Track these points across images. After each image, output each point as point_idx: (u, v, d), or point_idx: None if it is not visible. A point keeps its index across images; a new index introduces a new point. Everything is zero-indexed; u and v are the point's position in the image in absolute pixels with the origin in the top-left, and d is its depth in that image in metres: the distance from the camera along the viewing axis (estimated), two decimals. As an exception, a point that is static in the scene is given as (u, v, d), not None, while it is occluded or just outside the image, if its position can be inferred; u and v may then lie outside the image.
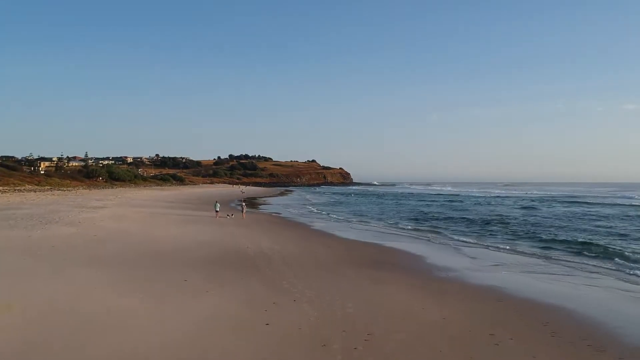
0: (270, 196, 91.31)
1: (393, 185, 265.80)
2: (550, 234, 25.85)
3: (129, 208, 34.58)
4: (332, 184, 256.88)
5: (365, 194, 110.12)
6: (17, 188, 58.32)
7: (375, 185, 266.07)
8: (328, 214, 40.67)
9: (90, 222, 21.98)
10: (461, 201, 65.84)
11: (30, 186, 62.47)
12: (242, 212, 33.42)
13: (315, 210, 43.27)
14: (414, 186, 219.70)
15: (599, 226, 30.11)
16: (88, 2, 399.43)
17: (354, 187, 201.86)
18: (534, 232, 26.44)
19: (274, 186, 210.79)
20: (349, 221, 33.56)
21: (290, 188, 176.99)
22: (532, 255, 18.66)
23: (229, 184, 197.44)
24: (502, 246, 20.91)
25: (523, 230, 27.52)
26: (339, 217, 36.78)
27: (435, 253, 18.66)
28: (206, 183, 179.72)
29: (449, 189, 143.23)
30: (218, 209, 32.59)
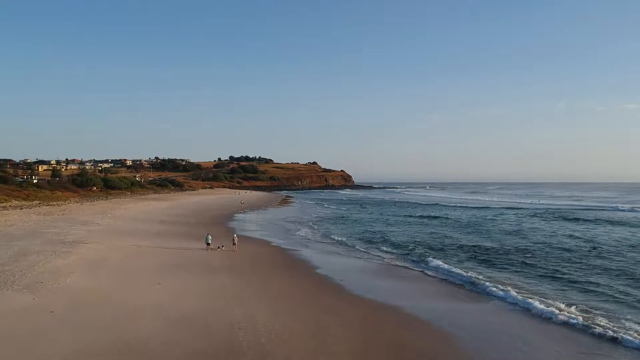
0: (270, 206, 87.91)
1: (393, 188, 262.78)
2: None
3: (114, 240, 31.18)
4: (333, 187, 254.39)
5: (366, 202, 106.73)
6: (2, 205, 54.96)
7: (374, 188, 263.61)
8: (330, 242, 37.09)
9: (56, 278, 18.56)
10: (448, 218, 62.42)
11: (16, 202, 59.09)
12: (234, 244, 30.24)
13: (317, 238, 39.44)
14: (412, 190, 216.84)
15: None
16: (85, 1, 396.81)
17: (348, 192, 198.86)
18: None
19: (275, 190, 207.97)
20: (355, 256, 30.13)
21: (291, 193, 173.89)
22: None
23: (229, 188, 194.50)
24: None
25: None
26: (343, 249, 33.27)
27: (484, 333, 14.97)
28: (206, 188, 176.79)
29: (450, 198, 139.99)
30: (209, 242, 29.95)
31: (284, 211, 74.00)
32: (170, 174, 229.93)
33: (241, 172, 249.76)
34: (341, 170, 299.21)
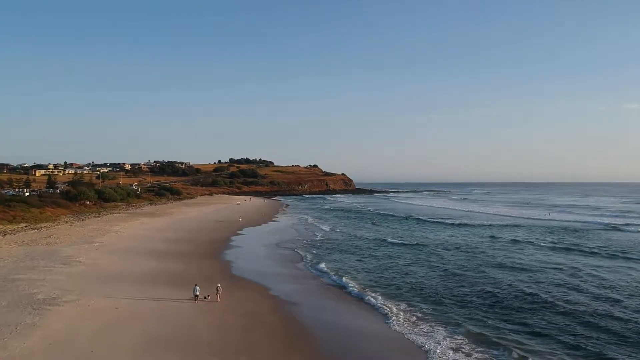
0: (269, 220, 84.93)
1: (393, 193, 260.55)
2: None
3: (93, 292, 27.91)
4: (334, 191, 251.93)
5: (364, 215, 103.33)
6: (-16, 230, 51.86)
7: (375, 192, 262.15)
8: (330, 284, 34.04)
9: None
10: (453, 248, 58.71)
11: (1, 225, 55.95)
12: (218, 294, 28.09)
13: (317, 282, 35.90)
14: (411, 197, 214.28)
15: None
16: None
17: (348, 200, 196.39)
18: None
19: (275, 195, 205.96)
20: (359, 312, 26.95)
21: (291, 200, 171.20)
22: None
23: (228, 194, 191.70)
24: None
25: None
26: (343, 304, 29.87)
27: None
28: (205, 195, 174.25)
29: (452, 210, 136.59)
30: (197, 293, 27.70)
31: (282, 230, 70.67)
32: (169, 179, 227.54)
33: (241, 176, 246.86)
34: (342, 174, 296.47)
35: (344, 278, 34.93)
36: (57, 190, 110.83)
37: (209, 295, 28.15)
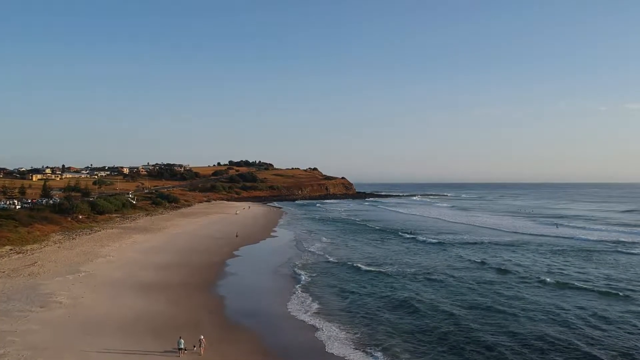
0: (267, 236, 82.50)
1: (393, 197, 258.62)
2: None
3: (69, 350, 25.47)
4: (334, 195, 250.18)
5: (359, 229, 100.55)
6: (-34, 257, 49.33)
7: (375, 196, 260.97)
8: (322, 332, 31.58)
9: None
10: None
11: (-17, 251, 53.40)
12: (201, 347, 26.34)
13: (309, 325, 33.67)
14: (409, 202, 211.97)
15: None
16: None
17: (347, 207, 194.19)
18: None
19: (274, 200, 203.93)
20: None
21: (289, 207, 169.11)
22: None
23: (227, 200, 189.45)
24: None
25: None
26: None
27: None
28: (202, 202, 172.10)
29: (451, 224, 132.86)
30: (182, 346, 25.87)
31: (279, 250, 67.93)
32: (167, 183, 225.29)
33: (240, 181, 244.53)
34: (342, 178, 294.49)
35: (339, 333, 31.01)
36: (51, 201, 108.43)
37: (194, 347, 26.35)
